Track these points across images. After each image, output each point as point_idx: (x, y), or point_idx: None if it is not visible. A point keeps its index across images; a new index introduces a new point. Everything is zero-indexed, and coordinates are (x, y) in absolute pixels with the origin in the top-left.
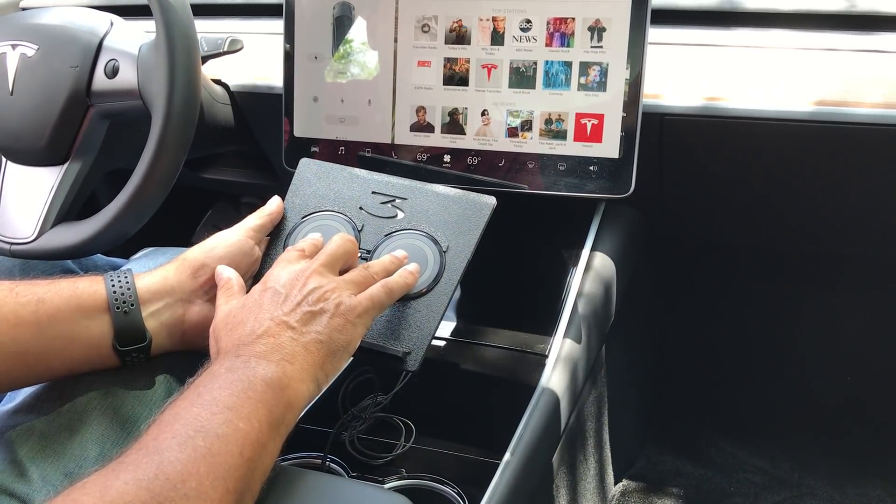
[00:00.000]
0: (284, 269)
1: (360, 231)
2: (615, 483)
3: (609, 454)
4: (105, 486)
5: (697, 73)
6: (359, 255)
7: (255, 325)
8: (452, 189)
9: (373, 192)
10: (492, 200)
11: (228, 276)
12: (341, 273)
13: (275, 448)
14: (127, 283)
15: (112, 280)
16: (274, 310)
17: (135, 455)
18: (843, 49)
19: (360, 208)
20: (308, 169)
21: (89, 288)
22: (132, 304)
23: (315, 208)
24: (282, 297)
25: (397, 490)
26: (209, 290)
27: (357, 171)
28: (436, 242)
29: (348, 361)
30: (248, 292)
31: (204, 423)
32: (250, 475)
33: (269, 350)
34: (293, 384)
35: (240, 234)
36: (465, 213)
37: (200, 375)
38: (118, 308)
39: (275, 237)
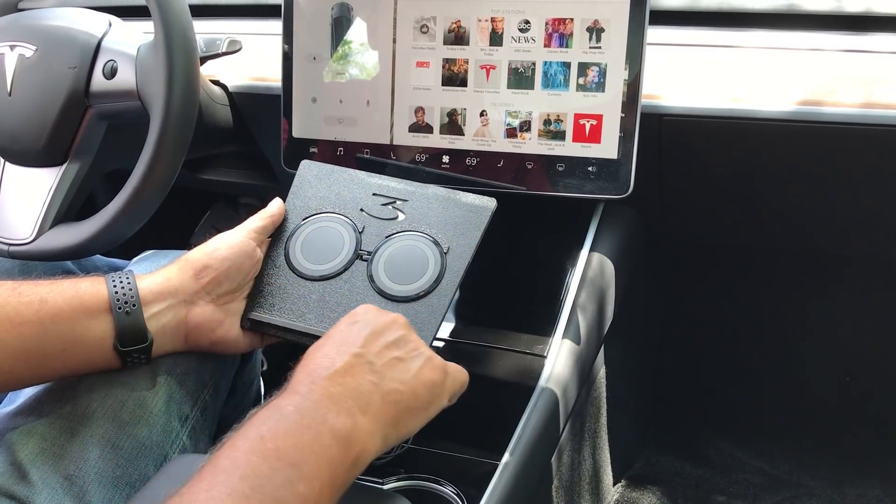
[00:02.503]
0: (378, 312)
1: (360, 232)
2: (614, 483)
3: (608, 455)
4: None
5: (696, 74)
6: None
7: (336, 357)
8: (453, 191)
9: (373, 194)
10: (492, 202)
11: None
12: None
13: None
14: (129, 283)
15: (114, 281)
16: (359, 345)
17: None
18: (830, 49)
19: (361, 210)
20: (309, 171)
21: (91, 288)
22: (134, 305)
23: (316, 210)
24: (370, 333)
25: (397, 491)
26: (211, 291)
27: (357, 172)
28: (437, 244)
29: (424, 424)
30: (249, 293)
31: (263, 480)
32: None
33: (344, 393)
34: (362, 438)
35: (242, 236)
36: (466, 214)
37: (267, 406)
38: (120, 309)
39: (276, 239)
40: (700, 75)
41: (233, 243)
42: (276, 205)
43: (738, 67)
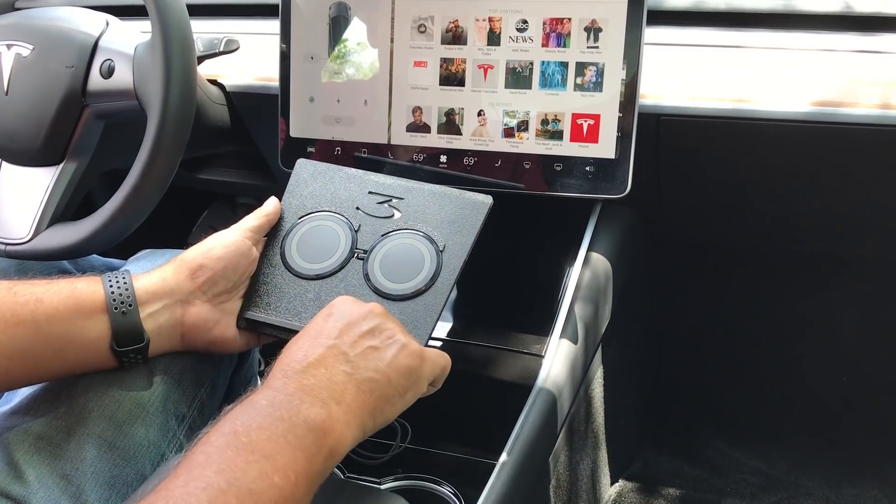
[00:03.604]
0: (354, 302)
1: (356, 231)
2: (612, 483)
3: (606, 455)
4: None
5: (694, 74)
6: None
7: (310, 350)
8: (449, 188)
9: (369, 192)
10: (488, 199)
11: None
12: None
13: (307, 503)
14: (125, 283)
15: (110, 281)
16: (333, 336)
17: None
18: (840, 50)
19: (357, 208)
20: (304, 169)
21: (87, 288)
22: (130, 305)
23: (312, 209)
24: (344, 324)
25: (394, 491)
26: (207, 290)
27: (353, 171)
28: (432, 242)
29: (402, 411)
30: (245, 292)
31: (238, 473)
32: None
33: (318, 384)
34: (337, 428)
35: (237, 235)
36: (462, 212)
37: (242, 402)
38: (116, 309)
39: (272, 238)
40: (701, 76)
41: (228, 242)
42: (271, 204)
43: (741, 68)
